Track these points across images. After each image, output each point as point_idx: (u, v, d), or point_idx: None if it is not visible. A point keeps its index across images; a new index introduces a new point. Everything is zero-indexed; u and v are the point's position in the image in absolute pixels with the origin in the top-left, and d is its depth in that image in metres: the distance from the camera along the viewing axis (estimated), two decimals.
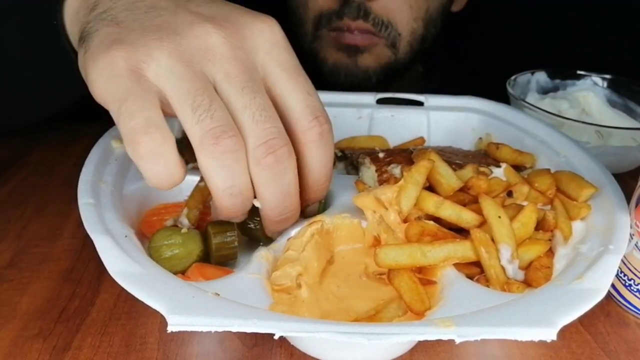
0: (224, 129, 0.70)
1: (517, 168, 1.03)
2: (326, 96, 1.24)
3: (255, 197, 0.77)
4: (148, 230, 0.91)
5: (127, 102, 0.69)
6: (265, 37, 0.77)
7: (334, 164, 1.14)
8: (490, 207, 0.84)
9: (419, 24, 1.52)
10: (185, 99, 0.70)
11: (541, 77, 1.47)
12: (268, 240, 0.90)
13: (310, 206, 0.89)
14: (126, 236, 0.80)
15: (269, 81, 0.77)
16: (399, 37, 1.51)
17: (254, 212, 0.84)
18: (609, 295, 0.93)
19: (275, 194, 0.76)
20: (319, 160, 0.79)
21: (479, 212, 0.85)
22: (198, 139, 0.70)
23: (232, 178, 0.72)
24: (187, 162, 1.02)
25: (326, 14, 1.49)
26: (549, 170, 0.98)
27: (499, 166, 0.99)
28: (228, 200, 0.74)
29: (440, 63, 1.82)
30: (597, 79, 1.46)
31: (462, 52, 1.84)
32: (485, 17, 1.78)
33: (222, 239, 0.87)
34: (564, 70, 1.48)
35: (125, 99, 0.69)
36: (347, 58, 1.52)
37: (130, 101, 0.69)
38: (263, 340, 0.83)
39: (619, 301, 0.92)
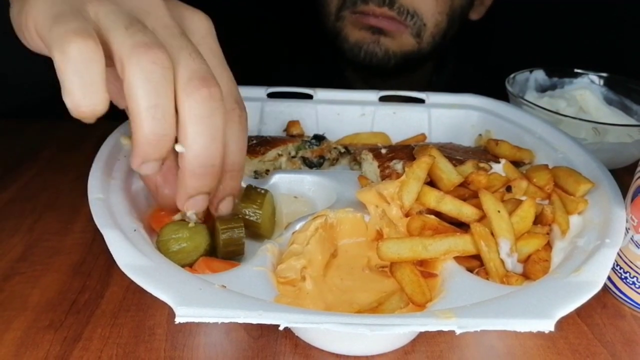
0: (157, 42, 0.66)
1: (516, 164, 1.03)
2: (330, 94, 1.25)
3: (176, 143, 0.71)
4: (156, 224, 0.91)
5: (64, 15, 0.65)
6: (203, 24, 0.77)
7: (338, 158, 1.14)
8: (489, 202, 0.84)
9: (443, 17, 1.53)
10: (119, 23, 0.66)
11: (539, 75, 1.47)
12: (272, 234, 0.90)
13: (224, 201, 0.83)
14: (135, 230, 0.80)
15: None
16: (424, 27, 1.51)
17: (252, 201, 0.85)
18: (605, 288, 0.93)
19: (202, 135, 0.69)
20: (236, 142, 0.77)
21: (478, 206, 0.85)
22: (128, 49, 0.65)
23: (156, 96, 0.66)
24: None
25: None
26: (547, 166, 0.98)
27: (498, 162, 0.99)
28: (150, 124, 0.66)
29: (450, 61, 1.81)
30: (594, 77, 1.46)
31: (471, 51, 1.84)
32: (492, 17, 1.78)
33: (230, 235, 0.87)
34: (561, 68, 1.48)
35: (62, 14, 0.65)
36: (370, 36, 1.52)
37: (68, 14, 0.65)
38: (268, 331, 0.83)
39: (615, 293, 0.92)
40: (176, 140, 0.71)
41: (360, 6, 1.48)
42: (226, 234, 0.87)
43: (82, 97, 0.63)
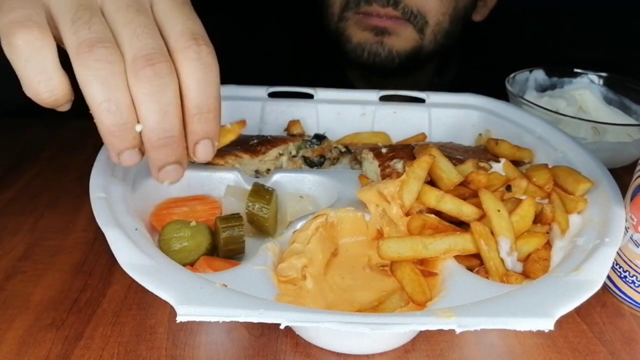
0: (100, 39, 0.66)
1: (516, 163, 1.03)
2: (331, 93, 1.25)
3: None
4: (158, 223, 0.92)
5: (9, 1, 0.65)
6: None
7: (338, 158, 1.14)
8: (489, 201, 0.84)
9: (446, 18, 1.53)
10: (67, 12, 0.67)
11: (539, 75, 1.47)
12: (275, 231, 0.90)
13: (201, 145, 0.77)
14: (136, 229, 0.80)
15: (155, 9, 0.73)
16: (427, 24, 1.51)
17: (260, 197, 0.85)
18: (604, 287, 0.93)
19: (154, 111, 0.69)
20: (196, 81, 0.72)
21: (478, 205, 0.85)
22: (74, 49, 0.65)
23: (107, 91, 0.66)
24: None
25: None
26: (546, 165, 0.98)
27: (498, 161, 0.99)
28: (106, 118, 0.68)
29: (452, 61, 1.81)
30: (593, 76, 1.46)
31: (473, 52, 1.84)
32: (494, 18, 1.78)
33: (230, 234, 0.87)
34: (561, 68, 1.48)
35: (7, 1, 0.65)
36: (373, 37, 1.51)
37: (14, 0, 0.65)
38: (269, 330, 0.83)
39: (615, 292, 0.92)
40: None
41: (363, 7, 1.48)
42: (226, 232, 0.87)
43: (37, 85, 0.64)
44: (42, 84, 0.64)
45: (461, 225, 0.87)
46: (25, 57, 0.63)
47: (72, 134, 1.35)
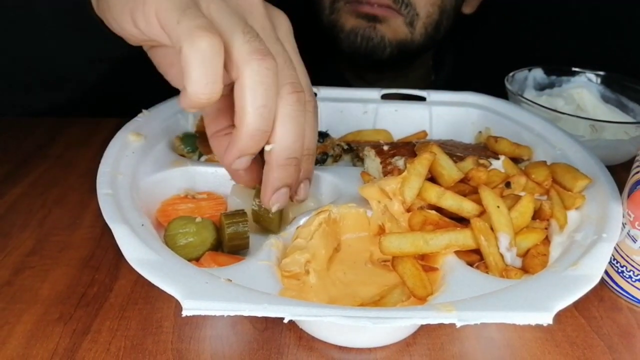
0: (269, 52, 0.72)
1: (515, 160, 1.03)
2: (333, 91, 1.25)
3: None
4: (164, 219, 0.92)
5: (190, 9, 0.69)
6: (286, 24, 0.84)
7: (341, 155, 1.14)
8: (489, 198, 0.84)
9: (435, 9, 1.52)
10: (235, 25, 0.72)
11: (538, 73, 1.47)
12: (280, 230, 0.90)
13: (302, 185, 0.87)
14: (143, 225, 0.80)
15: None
16: (417, 17, 1.50)
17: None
18: (602, 282, 0.93)
19: (290, 131, 0.77)
20: (311, 129, 0.83)
21: (478, 202, 0.85)
22: (247, 53, 0.70)
23: (267, 97, 0.72)
24: (201, 155, 1.03)
25: None
26: (545, 162, 0.97)
27: (498, 158, 0.99)
28: (256, 122, 0.73)
29: (448, 58, 1.81)
30: (591, 75, 1.45)
31: (469, 48, 1.83)
32: (490, 15, 1.77)
33: (235, 229, 0.87)
34: (559, 67, 1.48)
35: (187, 7, 0.70)
36: (366, 23, 1.51)
37: (192, 8, 0.70)
38: (273, 324, 0.83)
39: (612, 287, 0.92)
40: None
41: None
42: (231, 228, 0.87)
43: (204, 86, 0.68)
44: (209, 86, 0.68)
45: (461, 221, 0.87)
46: (204, 59, 0.67)
47: (79, 132, 1.36)
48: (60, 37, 1.21)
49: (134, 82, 1.24)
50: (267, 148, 0.77)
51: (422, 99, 1.27)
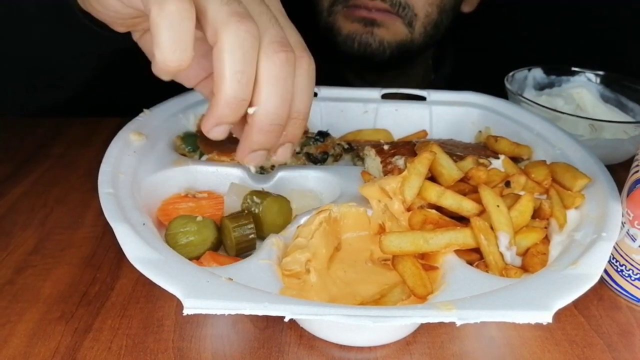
0: (248, 14, 0.68)
1: (515, 160, 1.03)
2: (334, 91, 1.25)
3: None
4: (164, 218, 0.92)
5: None
6: None
7: (341, 154, 1.14)
8: (489, 197, 0.84)
9: (434, 9, 1.51)
10: None
11: (537, 73, 1.47)
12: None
13: (284, 147, 0.81)
14: (144, 224, 0.80)
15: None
16: (416, 17, 1.49)
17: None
18: (601, 280, 0.93)
19: (276, 95, 0.72)
20: (302, 89, 0.76)
21: (478, 201, 0.85)
22: (225, 16, 0.67)
23: (245, 62, 0.68)
24: (202, 154, 1.03)
25: None
26: (545, 161, 0.98)
27: (498, 158, 0.99)
28: (233, 89, 0.69)
29: (448, 57, 1.81)
30: (590, 75, 1.45)
31: (469, 47, 1.83)
32: (489, 15, 1.77)
33: (241, 233, 0.87)
34: (559, 66, 1.48)
35: None
36: (363, 27, 1.50)
37: None
38: (274, 322, 0.83)
39: (612, 286, 0.92)
40: None
41: (351, 0, 1.48)
42: (237, 232, 0.87)
43: (172, 51, 0.65)
44: (176, 52, 0.65)
45: (461, 220, 0.87)
46: (171, 22, 0.64)
47: (80, 132, 1.36)
48: (50, 34, 1.20)
49: (132, 80, 1.23)
50: (249, 111, 0.72)
51: (422, 98, 1.27)
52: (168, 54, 0.65)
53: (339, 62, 1.65)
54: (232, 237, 0.87)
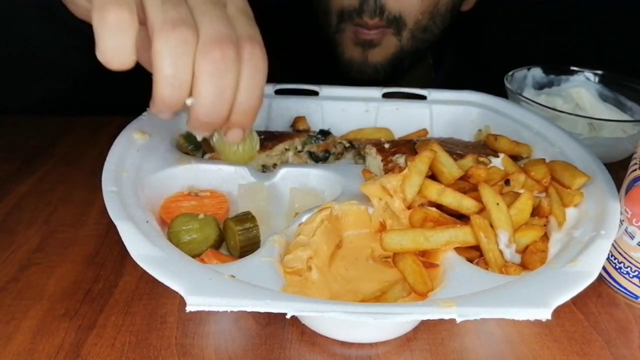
0: (183, 20, 0.70)
1: (514, 158, 1.03)
2: (336, 90, 1.25)
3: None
4: (167, 216, 0.92)
5: None
6: None
7: (343, 153, 1.14)
8: (489, 195, 0.84)
9: (425, 16, 1.50)
10: None
11: (537, 72, 1.47)
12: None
13: (233, 131, 0.81)
14: (147, 222, 0.80)
15: (227, 11, 0.77)
16: (404, 26, 1.48)
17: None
18: (600, 278, 0.93)
19: (210, 92, 0.73)
20: (247, 81, 0.76)
21: (478, 199, 0.85)
22: (159, 25, 0.69)
23: (177, 68, 0.70)
24: (204, 153, 1.03)
25: (347, 11, 1.47)
26: (544, 160, 0.97)
27: (497, 156, 0.99)
28: (166, 91, 0.71)
29: (448, 56, 1.80)
30: (589, 74, 1.45)
31: (469, 47, 1.83)
32: (488, 15, 1.77)
33: (246, 235, 0.87)
34: (558, 66, 1.48)
35: None
36: (361, 54, 1.50)
37: None
38: (276, 319, 0.83)
39: (610, 283, 0.92)
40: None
41: (356, 19, 1.47)
42: (243, 235, 0.87)
43: (112, 57, 0.68)
44: (116, 58, 0.68)
45: (461, 218, 0.87)
46: (111, 32, 0.66)
47: (84, 130, 1.36)
48: (40, 27, 1.20)
49: (136, 79, 1.23)
50: (187, 102, 0.73)
51: (423, 97, 1.27)
52: (109, 59, 0.68)
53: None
54: (237, 240, 0.87)
